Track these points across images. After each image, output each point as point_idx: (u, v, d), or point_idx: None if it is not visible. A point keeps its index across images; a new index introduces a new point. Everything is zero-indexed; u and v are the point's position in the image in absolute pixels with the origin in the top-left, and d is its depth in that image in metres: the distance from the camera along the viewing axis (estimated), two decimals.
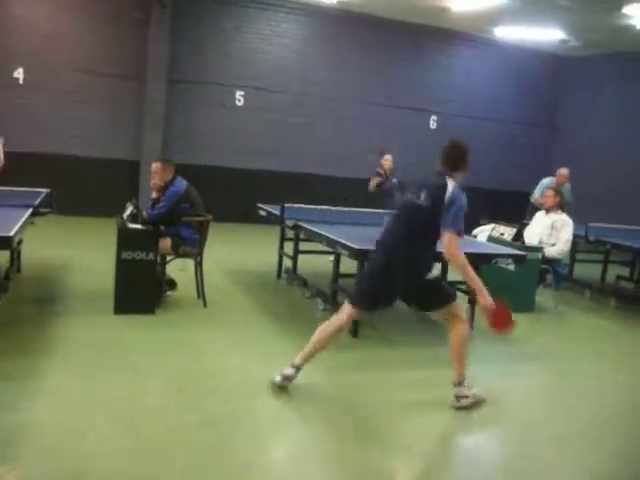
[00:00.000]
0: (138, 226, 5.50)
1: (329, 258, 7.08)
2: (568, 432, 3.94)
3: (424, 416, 3.95)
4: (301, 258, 7.24)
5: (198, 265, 5.91)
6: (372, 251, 4.25)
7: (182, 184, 5.77)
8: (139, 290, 5.37)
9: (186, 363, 4.47)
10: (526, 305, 6.72)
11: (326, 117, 12.21)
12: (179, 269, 6.16)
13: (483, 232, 7.44)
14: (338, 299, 5.90)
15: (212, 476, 3.06)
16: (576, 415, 4.25)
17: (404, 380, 4.53)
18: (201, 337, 5.12)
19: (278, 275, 7.48)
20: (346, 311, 4.08)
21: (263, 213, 7.65)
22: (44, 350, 4.41)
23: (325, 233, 5.79)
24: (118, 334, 4.94)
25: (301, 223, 6.44)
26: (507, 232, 7.09)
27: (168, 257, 5.76)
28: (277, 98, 11.85)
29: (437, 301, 4.06)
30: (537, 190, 9.11)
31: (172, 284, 6.04)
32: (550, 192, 7.42)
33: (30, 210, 5.63)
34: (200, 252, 5.87)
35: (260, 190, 10.47)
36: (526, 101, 13.71)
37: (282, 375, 4.00)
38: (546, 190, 7.76)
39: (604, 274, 8.24)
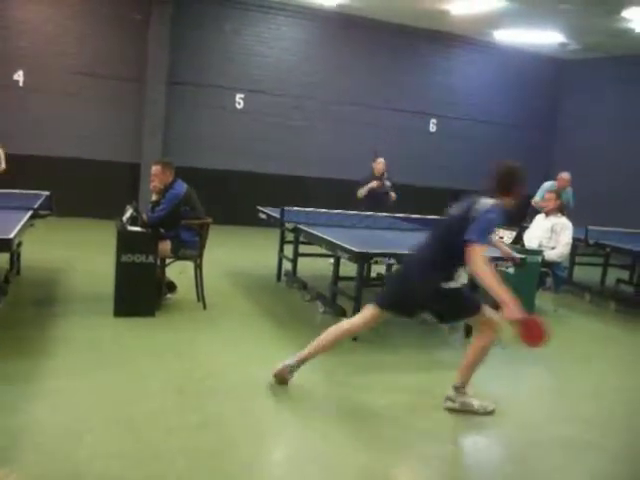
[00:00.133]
0: (138, 229, 5.50)
1: (329, 261, 7.09)
2: (568, 434, 3.94)
3: (424, 419, 3.94)
4: (301, 261, 7.25)
5: (198, 268, 5.91)
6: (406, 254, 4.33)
7: (182, 187, 5.74)
8: (139, 293, 5.37)
9: (186, 365, 4.47)
10: (526, 308, 6.67)
11: (326, 120, 12.21)
12: (178, 272, 6.16)
13: None
14: (338, 302, 5.92)
15: (212, 476, 3.06)
16: (576, 417, 4.25)
17: (404, 383, 4.53)
18: (201, 339, 5.13)
19: (278, 278, 7.47)
20: (369, 311, 4.06)
21: (263, 216, 7.65)
22: (44, 352, 4.41)
23: (325, 236, 5.80)
24: (118, 336, 4.96)
25: (301, 226, 6.45)
26: (507, 235, 7.09)
27: (168, 260, 5.76)
28: (277, 101, 11.86)
29: (462, 311, 4.04)
30: (538, 194, 9.12)
31: (172, 287, 6.05)
32: (551, 195, 7.45)
33: (30, 212, 5.64)
34: (200, 255, 5.87)
35: (260, 193, 10.46)
36: (526, 104, 13.69)
37: (284, 365, 4.08)
38: (547, 194, 7.79)
39: (604, 277, 8.22)
